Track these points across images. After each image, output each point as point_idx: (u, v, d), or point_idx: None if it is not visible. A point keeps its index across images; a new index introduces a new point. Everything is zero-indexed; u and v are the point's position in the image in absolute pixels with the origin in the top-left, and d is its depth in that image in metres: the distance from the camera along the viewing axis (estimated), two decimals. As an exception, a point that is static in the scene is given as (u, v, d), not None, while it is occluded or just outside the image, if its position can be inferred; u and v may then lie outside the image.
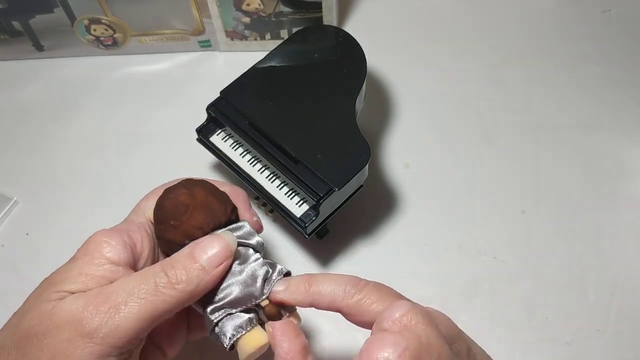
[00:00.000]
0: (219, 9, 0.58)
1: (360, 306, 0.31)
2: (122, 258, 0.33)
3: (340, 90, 0.48)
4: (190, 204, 0.34)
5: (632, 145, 0.55)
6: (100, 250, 0.32)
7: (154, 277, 0.31)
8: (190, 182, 0.36)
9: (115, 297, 0.30)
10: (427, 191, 0.53)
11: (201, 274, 0.31)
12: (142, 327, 0.30)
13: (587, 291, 0.47)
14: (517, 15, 0.65)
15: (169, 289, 0.31)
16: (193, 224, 0.34)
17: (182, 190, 0.35)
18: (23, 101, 0.61)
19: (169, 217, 0.34)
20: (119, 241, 0.33)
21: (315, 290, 0.33)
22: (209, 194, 0.35)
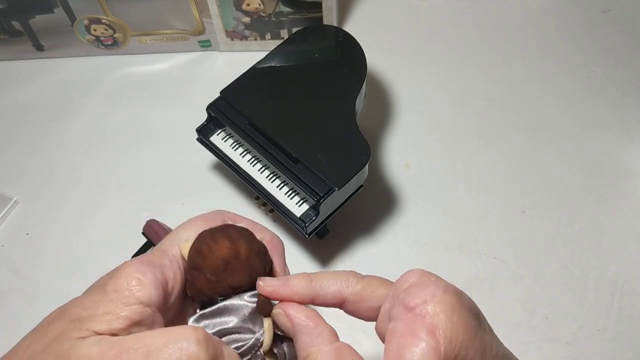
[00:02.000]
0: (219, 9, 0.58)
1: (366, 291, 0.31)
2: (152, 299, 0.30)
3: (340, 90, 0.48)
4: (232, 262, 0.32)
5: (632, 146, 0.55)
6: (130, 288, 0.30)
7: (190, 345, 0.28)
8: (235, 232, 0.34)
9: (131, 355, 0.28)
10: (427, 191, 0.53)
11: None
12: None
13: (587, 291, 0.47)
14: (517, 16, 0.65)
15: None
16: (231, 283, 0.32)
17: (226, 243, 0.33)
18: (23, 101, 0.61)
19: (207, 268, 0.32)
20: (152, 280, 0.31)
21: (317, 284, 0.32)
22: (252, 252, 0.33)
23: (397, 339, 0.27)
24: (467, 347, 0.27)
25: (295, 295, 0.32)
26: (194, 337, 0.29)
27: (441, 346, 0.26)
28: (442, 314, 0.27)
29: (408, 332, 0.27)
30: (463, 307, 0.28)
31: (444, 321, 0.27)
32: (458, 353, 0.27)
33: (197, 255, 0.33)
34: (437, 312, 0.27)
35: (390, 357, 0.27)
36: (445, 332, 0.27)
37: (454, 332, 0.27)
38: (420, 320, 0.27)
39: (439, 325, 0.27)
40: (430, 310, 0.27)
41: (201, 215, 0.36)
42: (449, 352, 0.27)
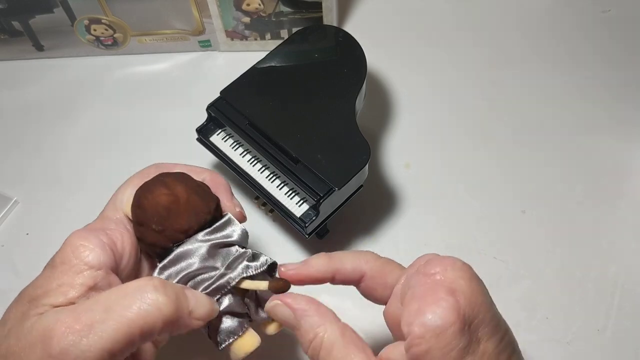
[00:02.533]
0: (219, 9, 0.58)
1: (385, 268, 0.32)
2: (102, 261, 0.30)
3: (340, 90, 0.48)
4: (173, 207, 0.32)
5: (632, 146, 0.55)
6: (77, 255, 0.30)
7: (147, 292, 0.28)
8: (170, 178, 0.34)
9: (90, 315, 0.27)
10: (427, 191, 0.53)
11: (186, 315, 0.30)
12: (115, 349, 0.27)
13: (587, 291, 0.47)
14: (516, 17, 0.66)
15: (154, 309, 0.28)
16: (177, 228, 0.32)
17: (163, 190, 0.33)
18: (23, 101, 0.61)
19: (151, 220, 0.32)
20: (97, 243, 0.31)
21: (337, 261, 0.33)
22: (191, 192, 0.33)
23: (418, 300, 0.28)
24: (484, 312, 0.28)
25: (317, 273, 0.33)
26: (150, 285, 0.29)
27: (461, 306, 0.27)
28: (462, 280, 0.29)
29: (429, 293, 0.28)
30: (479, 280, 0.29)
31: (463, 285, 0.28)
32: (476, 315, 0.28)
33: (138, 209, 0.33)
34: (457, 278, 0.29)
35: (412, 316, 0.28)
36: (465, 294, 0.28)
37: (473, 296, 0.28)
38: (440, 283, 0.28)
39: (458, 288, 0.28)
40: (450, 275, 0.29)
41: (136, 173, 0.37)
42: (468, 312, 0.27)
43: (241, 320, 0.34)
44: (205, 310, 0.31)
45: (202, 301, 0.31)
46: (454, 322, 0.27)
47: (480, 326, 0.28)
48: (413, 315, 0.28)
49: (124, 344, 0.27)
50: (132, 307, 0.28)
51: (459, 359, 0.27)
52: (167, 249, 0.33)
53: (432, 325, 0.27)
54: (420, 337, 0.27)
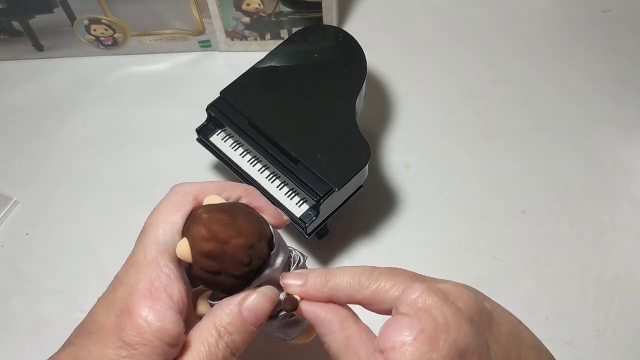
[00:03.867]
0: (219, 9, 0.58)
1: (377, 295, 0.31)
2: (181, 339, 0.30)
3: (340, 90, 0.48)
4: (252, 250, 0.31)
5: (632, 146, 0.55)
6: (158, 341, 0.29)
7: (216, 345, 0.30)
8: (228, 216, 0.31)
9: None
10: (427, 191, 0.53)
11: (250, 335, 0.32)
12: None
13: (587, 291, 0.47)
14: (516, 15, 0.65)
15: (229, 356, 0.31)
16: (255, 266, 0.32)
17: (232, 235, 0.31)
18: (23, 101, 0.61)
19: (231, 268, 0.31)
20: (172, 319, 0.30)
21: (332, 286, 0.32)
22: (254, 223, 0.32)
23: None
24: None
25: (312, 298, 0.33)
26: None
27: None
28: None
29: None
30: (435, 353, 0.27)
31: None
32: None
33: (210, 260, 0.31)
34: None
35: None
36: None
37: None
38: None
39: None
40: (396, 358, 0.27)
41: (166, 203, 0.33)
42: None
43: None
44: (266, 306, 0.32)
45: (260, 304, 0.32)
46: None
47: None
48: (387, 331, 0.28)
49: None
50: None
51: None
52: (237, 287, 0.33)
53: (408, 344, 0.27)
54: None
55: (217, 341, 0.30)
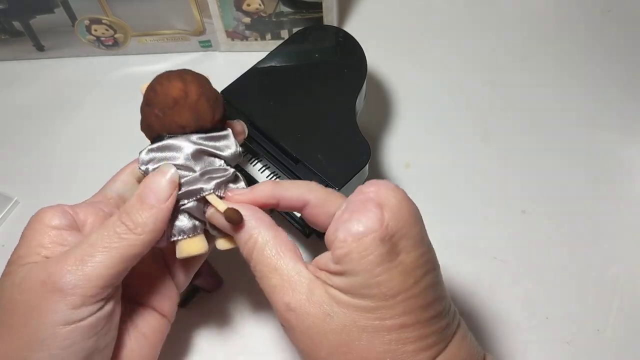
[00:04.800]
0: (220, 9, 0.58)
1: (328, 197, 0.34)
2: (63, 223, 0.34)
3: (340, 90, 0.48)
4: (180, 101, 0.35)
5: (632, 146, 0.55)
6: (39, 220, 0.34)
7: (113, 227, 0.32)
8: (190, 76, 0.37)
9: (79, 252, 0.31)
10: (427, 191, 0.53)
11: (154, 213, 0.33)
12: (112, 273, 0.32)
13: (587, 291, 0.47)
14: (517, 16, 0.66)
15: (130, 235, 0.32)
16: (177, 120, 0.35)
17: (178, 83, 0.36)
18: (23, 101, 0.61)
19: (156, 104, 0.36)
20: (57, 209, 0.35)
21: (282, 188, 0.35)
22: (202, 96, 0.36)
23: (348, 212, 0.31)
24: (408, 227, 0.31)
25: (262, 198, 0.35)
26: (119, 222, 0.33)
27: (385, 218, 0.30)
28: (393, 198, 0.31)
29: (359, 206, 0.31)
30: (411, 202, 0.32)
31: (392, 202, 0.31)
32: (400, 229, 0.30)
33: (151, 91, 0.36)
34: (389, 196, 0.31)
35: (339, 223, 0.31)
36: (392, 209, 0.30)
37: (400, 213, 0.30)
38: (371, 198, 0.31)
39: (387, 203, 0.31)
40: (382, 193, 0.31)
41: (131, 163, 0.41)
42: (392, 225, 0.30)
43: (196, 224, 0.35)
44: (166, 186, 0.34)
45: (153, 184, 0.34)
46: (375, 230, 0.29)
47: (402, 239, 0.30)
48: (340, 223, 0.31)
49: (115, 269, 0.32)
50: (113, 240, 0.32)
51: (375, 264, 0.29)
52: (160, 136, 0.36)
53: (354, 231, 0.30)
54: (343, 240, 0.30)
55: (114, 219, 0.33)
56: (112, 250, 0.31)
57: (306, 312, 0.30)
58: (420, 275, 0.31)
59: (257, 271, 0.33)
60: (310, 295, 0.31)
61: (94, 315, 0.31)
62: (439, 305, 0.31)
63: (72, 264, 0.31)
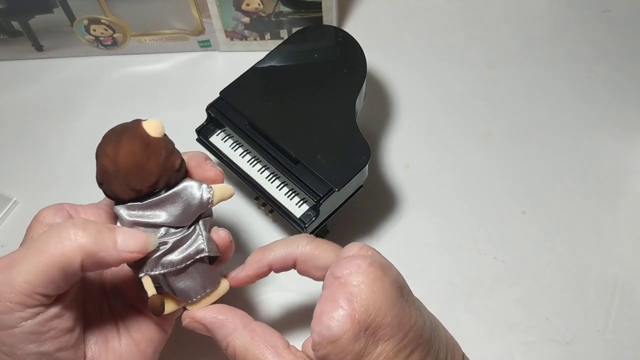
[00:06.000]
0: (219, 9, 0.58)
1: (315, 251, 0.35)
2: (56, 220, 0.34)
3: (340, 90, 0.48)
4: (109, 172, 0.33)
5: (632, 145, 0.55)
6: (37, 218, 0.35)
7: (59, 228, 0.31)
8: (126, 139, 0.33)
9: (13, 254, 0.31)
10: (427, 191, 0.53)
11: (110, 246, 0.31)
12: (41, 280, 0.29)
13: (587, 291, 0.47)
14: (517, 16, 0.65)
15: (67, 242, 0.30)
16: (111, 190, 0.33)
17: (109, 150, 0.33)
18: (22, 101, 0.61)
19: (99, 177, 0.34)
20: (57, 208, 0.35)
21: (270, 255, 0.36)
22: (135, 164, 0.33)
23: (321, 305, 0.31)
24: (384, 314, 0.30)
25: (254, 272, 0.36)
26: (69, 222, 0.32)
27: (356, 313, 0.29)
28: (363, 285, 0.30)
29: (330, 299, 0.30)
30: (386, 278, 0.31)
31: (363, 290, 0.30)
32: (374, 319, 0.30)
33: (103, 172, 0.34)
34: (359, 283, 0.30)
35: (314, 321, 0.30)
36: (362, 301, 0.30)
37: (372, 301, 0.30)
38: (342, 289, 0.30)
39: (357, 294, 0.30)
40: (352, 280, 0.30)
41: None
42: (364, 318, 0.29)
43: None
44: (135, 243, 0.32)
45: (132, 234, 0.32)
46: (348, 329, 0.29)
47: (378, 329, 0.30)
48: (315, 321, 0.30)
49: (44, 275, 0.29)
50: (49, 242, 0.30)
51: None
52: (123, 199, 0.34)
53: (327, 334, 0.29)
54: (319, 344, 0.30)
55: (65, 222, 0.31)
56: (44, 254, 0.29)
57: None
58: (404, 357, 0.30)
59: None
60: None
61: (29, 321, 0.30)
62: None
63: (2, 267, 0.30)
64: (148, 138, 0.34)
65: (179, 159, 0.35)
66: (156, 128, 0.35)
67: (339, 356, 0.29)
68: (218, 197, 0.35)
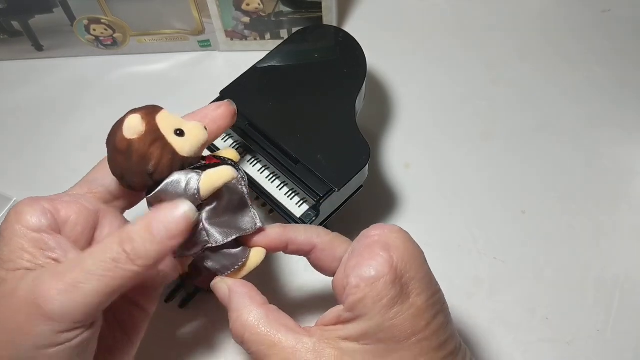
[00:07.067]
0: (219, 9, 0.58)
1: (334, 242, 0.35)
2: (43, 223, 0.32)
3: (340, 90, 0.48)
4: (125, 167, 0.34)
5: (632, 146, 0.55)
6: (18, 220, 0.32)
7: (112, 253, 0.30)
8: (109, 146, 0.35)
9: (71, 275, 0.29)
10: (427, 191, 0.53)
11: (160, 248, 0.30)
12: (101, 301, 0.30)
13: (587, 291, 0.47)
14: (517, 15, 0.65)
15: (128, 265, 0.30)
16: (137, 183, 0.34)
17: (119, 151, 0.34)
18: (22, 101, 0.61)
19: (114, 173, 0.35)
20: (36, 208, 0.33)
21: (291, 233, 0.36)
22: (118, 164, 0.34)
23: (357, 257, 0.32)
24: (416, 270, 0.31)
25: (272, 242, 0.36)
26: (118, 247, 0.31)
27: (394, 261, 0.31)
28: (398, 240, 0.32)
29: (367, 250, 0.32)
30: (416, 244, 0.33)
31: (398, 244, 0.32)
32: (408, 271, 0.31)
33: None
34: (395, 238, 0.32)
35: (350, 269, 0.31)
36: (398, 252, 0.31)
37: (407, 255, 0.32)
38: (378, 242, 0.32)
39: (394, 246, 0.32)
40: (387, 235, 0.32)
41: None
42: (401, 267, 0.31)
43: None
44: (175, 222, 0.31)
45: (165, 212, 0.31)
46: (386, 274, 0.30)
47: (411, 282, 0.31)
48: (351, 269, 0.31)
49: (106, 297, 0.30)
50: (109, 268, 0.30)
51: (388, 307, 0.30)
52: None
53: (366, 276, 0.30)
54: (356, 286, 0.30)
55: (112, 244, 0.30)
56: (107, 279, 0.29)
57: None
58: (431, 316, 0.31)
59: (254, 352, 0.32)
60: (318, 357, 0.30)
61: (79, 337, 0.30)
62: (451, 344, 0.32)
63: (63, 290, 0.29)
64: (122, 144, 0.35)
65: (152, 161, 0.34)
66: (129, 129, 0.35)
67: (375, 299, 0.30)
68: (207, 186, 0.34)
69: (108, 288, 0.29)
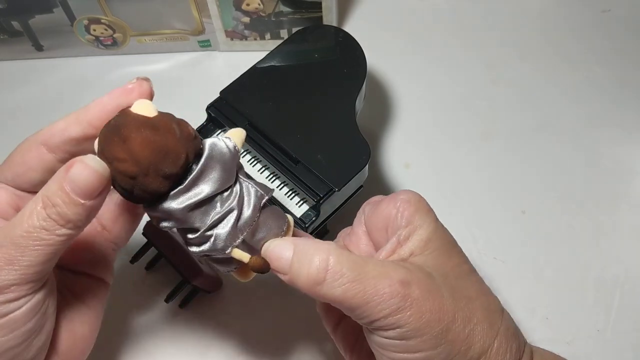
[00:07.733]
0: (219, 9, 0.58)
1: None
2: None
3: (340, 90, 0.48)
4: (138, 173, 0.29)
5: (632, 146, 0.55)
6: None
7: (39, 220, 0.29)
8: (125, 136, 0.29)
9: (6, 251, 0.29)
10: (427, 191, 0.53)
11: (85, 209, 0.29)
12: (43, 269, 0.30)
13: (587, 291, 0.47)
14: (517, 15, 0.65)
15: (60, 229, 0.29)
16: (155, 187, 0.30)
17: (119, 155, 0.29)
18: (22, 101, 0.61)
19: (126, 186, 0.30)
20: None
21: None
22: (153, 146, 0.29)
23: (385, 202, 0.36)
24: (436, 219, 0.35)
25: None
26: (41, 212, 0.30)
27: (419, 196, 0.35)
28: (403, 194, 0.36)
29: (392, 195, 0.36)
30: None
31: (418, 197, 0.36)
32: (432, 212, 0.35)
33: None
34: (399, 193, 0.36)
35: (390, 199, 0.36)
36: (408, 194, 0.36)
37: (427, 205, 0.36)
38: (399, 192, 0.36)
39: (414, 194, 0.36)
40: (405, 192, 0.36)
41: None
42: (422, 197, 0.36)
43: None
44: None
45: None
46: (419, 197, 0.35)
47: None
48: (389, 198, 0.35)
49: (47, 264, 0.30)
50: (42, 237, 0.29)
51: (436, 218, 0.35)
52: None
53: (411, 194, 0.35)
54: (407, 201, 0.34)
55: (38, 211, 0.29)
56: (44, 248, 0.29)
57: (418, 277, 0.31)
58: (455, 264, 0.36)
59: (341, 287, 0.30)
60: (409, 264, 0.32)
61: (28, 303, 0.30)
62: None
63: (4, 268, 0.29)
64: (150, 120, 0.31)
65: (189, 126, 0.32)
66: (148, 107, 0.32)
67: (428, 209, 0.35)
68: (239, 141, 0.33)
69: (45, 256, 0.29)
